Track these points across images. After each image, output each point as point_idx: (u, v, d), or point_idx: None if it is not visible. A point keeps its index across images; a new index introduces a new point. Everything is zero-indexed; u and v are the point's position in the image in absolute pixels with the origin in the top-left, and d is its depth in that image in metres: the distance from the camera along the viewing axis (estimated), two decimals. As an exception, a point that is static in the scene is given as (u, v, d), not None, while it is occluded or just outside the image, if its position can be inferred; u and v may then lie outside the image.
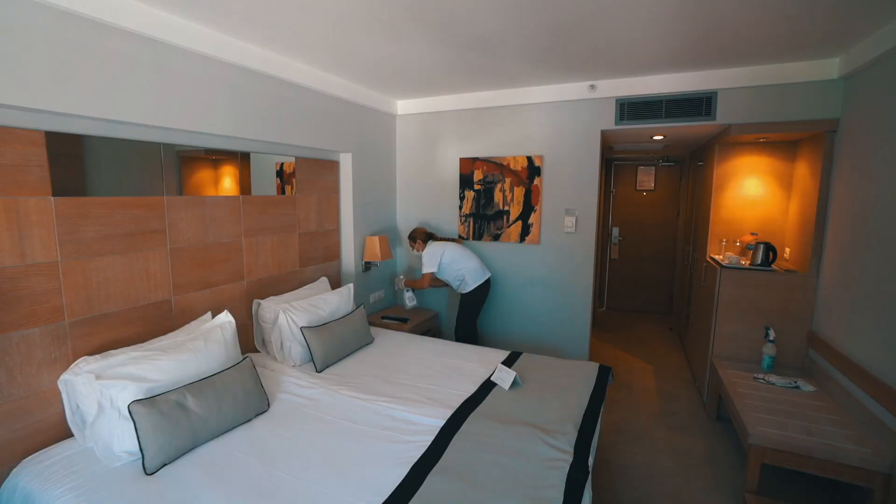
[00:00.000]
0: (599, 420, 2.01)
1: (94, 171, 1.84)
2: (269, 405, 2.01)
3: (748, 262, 2.95)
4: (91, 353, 1.79)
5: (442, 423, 1.85)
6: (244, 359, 2.04)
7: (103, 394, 1.60)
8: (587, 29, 2.14)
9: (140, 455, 1.55)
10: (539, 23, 2.07)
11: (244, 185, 2.59)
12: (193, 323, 2.15)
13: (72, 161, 1.77)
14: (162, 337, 1.98)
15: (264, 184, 2.75)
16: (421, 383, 2.27)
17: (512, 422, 1.85)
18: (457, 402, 2.04)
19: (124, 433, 1.58)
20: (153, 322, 2.08)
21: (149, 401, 1.60)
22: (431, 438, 1.73)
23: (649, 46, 2.37)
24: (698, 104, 2.88)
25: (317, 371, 2.40)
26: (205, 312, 2.29)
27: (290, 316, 2.47)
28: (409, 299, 3.43)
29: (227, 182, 2.52)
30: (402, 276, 3.58)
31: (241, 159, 2.58)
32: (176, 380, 1.76)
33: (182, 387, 1.72)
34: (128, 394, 1.61)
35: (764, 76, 2.67)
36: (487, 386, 2.23)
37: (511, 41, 2.31)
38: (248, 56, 2.33)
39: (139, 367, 1.69)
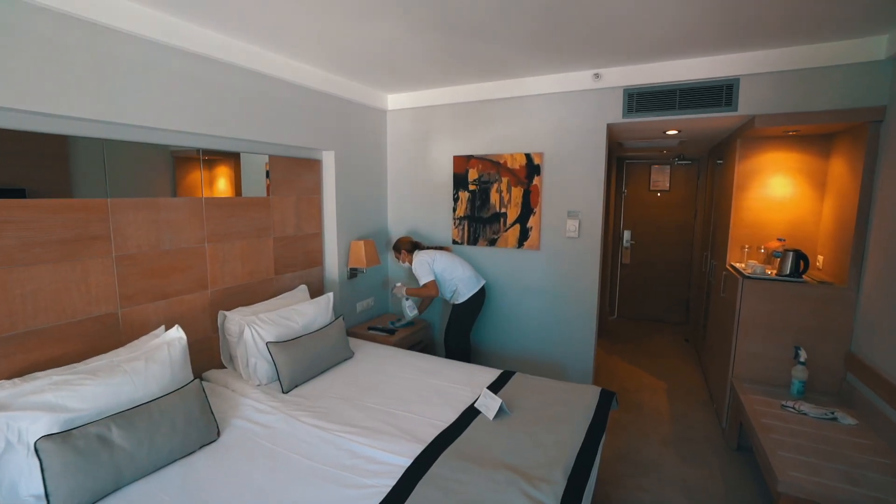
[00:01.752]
0: (598, 459, 1.72)
1: (20, 169, 1.64)
2: (218, 434, 1.77)
3: (774, 272, 2.61)
4: (14, 376, 1.58)
5: (408, 462, 1.58)
6: (191, 381, 1.81)
7: (10, 427, 1.38)
8: (588, 8, 1.85)
9: (46, 501, 1.33)
10: (534, 0, 1.80)
11: (236, 187, 2.49)
12: (143, 338, 1.94)
13: (-9, 158, 1.56)
14: (101, 356, 1.76)
15: (255, 185, 2.59)
16: (395, 408, 2.01)
17: (490, 463, 1.57)
18: (431, 434, 1.77)
19: (33, 473, 1.36)
20: (95, 338, 1.87)
21: (62, 435, 1.38)
22: (392, 483, 1.47)
23: (660, 27, 2.07)
24: (717, 93, 2.55)
25: (283, 392, 2.16)
26: (159, 326, 2.07)
27: (255, 329, 2.24)
28: (410, 308, 3.17)
29: (222, 184, 2.41)
30: (400, 284, 3.31)
31: (233, 160, 2.47)
32: (103, 408, 1.54)
33: (108, 417, 1.50)
34: (40, 427, 1.39)
35: (795, 59, 2.33)
36: (470, 413, 1.95)
37: (503, 23, 2.04)
38: (206, 43, 2.11)
39: (58, 395, 1.47)
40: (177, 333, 1.92)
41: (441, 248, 3.20)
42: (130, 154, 1.97)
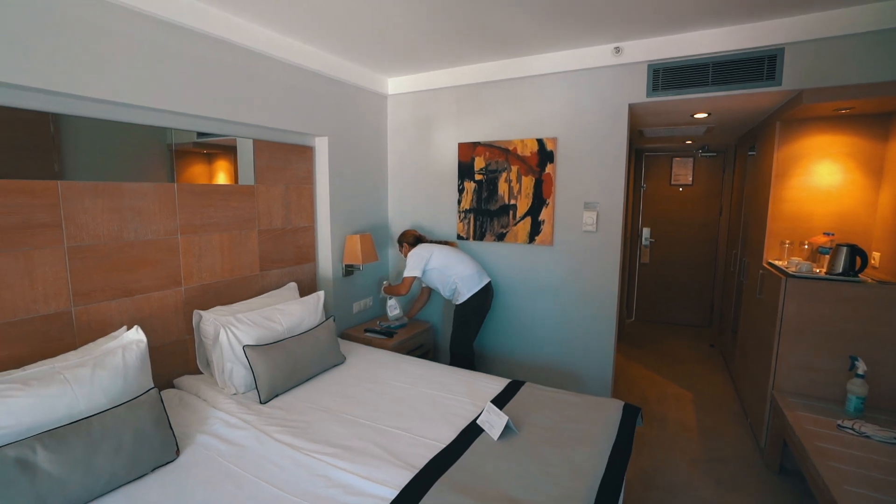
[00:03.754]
0: (622, 492, 1.43)
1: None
2: (177, 453, 1.53)
3: (823, 270, 2.28)
4: (-64, 384, 1.35)
5: (394, 494, 1.31)
6: (147, 391, 1.56)
7: (-89, 448, 1.15)
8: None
9: (-54, 541, 1.09)
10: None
11: (235, 177, 2.35)
12: (99, 341, 1.71)
13: None
14: (44, 361, 1.53)
15: (246, 174, 2.41)
16: (385, 424, 1.74)
17: (492, 498, 1.29)
18: (423, 457, 1.50)
19: (-66, 506, 1.13)
20: (42, 341, 1.64)
21: (-29, 460, 1.14)
22: (372, 523, 1.20)
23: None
24: (757, 66, 2.23)
25: (261, 402, 1.91)
26: (122, 327, 1.84)
27: (231, 331, 1.99)
28: (391, 308, 2.92)
29: (222, 177, 2.28)
30: (386, 282, 3.08)
31: (216, 142, 2.29)
32: (32, 425, 1.30)
33: (34, 436, 1.26)
34: (-52, 448, 1.16)
35: (850, 22, 2.01)
36: (471, 432, 1.67)
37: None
38: (177, 8, 1.86)
39: (-23, 409, 1.24)
40: (135, 335, 1.68)
41: (445, 243, 2.94)
42: (88, 132, 1.74)
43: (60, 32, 1.54)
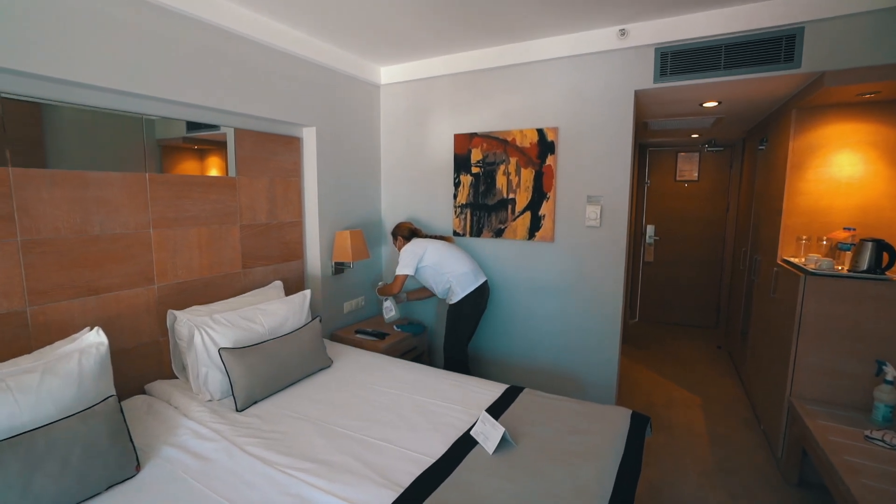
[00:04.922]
0: (632, 514, 1.28)
1: None
2: (137, 468, 1.37)
3: (845, 268, 2.12)
4: None
5: (374, 519, 1.16)
6: (104, 399, 1.41)
7: None
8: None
9: None
10: None
11: (222, 169, 2.24)
12: (56, 343, 1.55)
13: None
14: (-9, 366, 1.38)
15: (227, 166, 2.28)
16: (370, 435, 1.59)
17: (486, 524, 1.14)
18: (410, 474, 1.35)
19: None
20: (-8, 343, 1.49)
21: None
22: (346, 554, 1.05)
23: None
24: (775, 47, 2.07)
25: (237, 409, 1.76)
26: (85, 328, 1.68)
27: (206, 333, 1.84)
28: (387, 310, 2.77)
29: (215, 172, 2.19)
30: (381, 283, 2.93)
31: (212, 141, 2.20)
32: (-35, 439, 1.15)
33: (-35, 453, 1.11)
34: None
35: (879, -3, 1.85)
36: (464, 444, 1.52)
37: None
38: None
39: None
40: (96, 338, 1.53)
41: (442, 238, 2.78)
42: (51, 118, 1.60)
43: (23, 7, 1.39)
